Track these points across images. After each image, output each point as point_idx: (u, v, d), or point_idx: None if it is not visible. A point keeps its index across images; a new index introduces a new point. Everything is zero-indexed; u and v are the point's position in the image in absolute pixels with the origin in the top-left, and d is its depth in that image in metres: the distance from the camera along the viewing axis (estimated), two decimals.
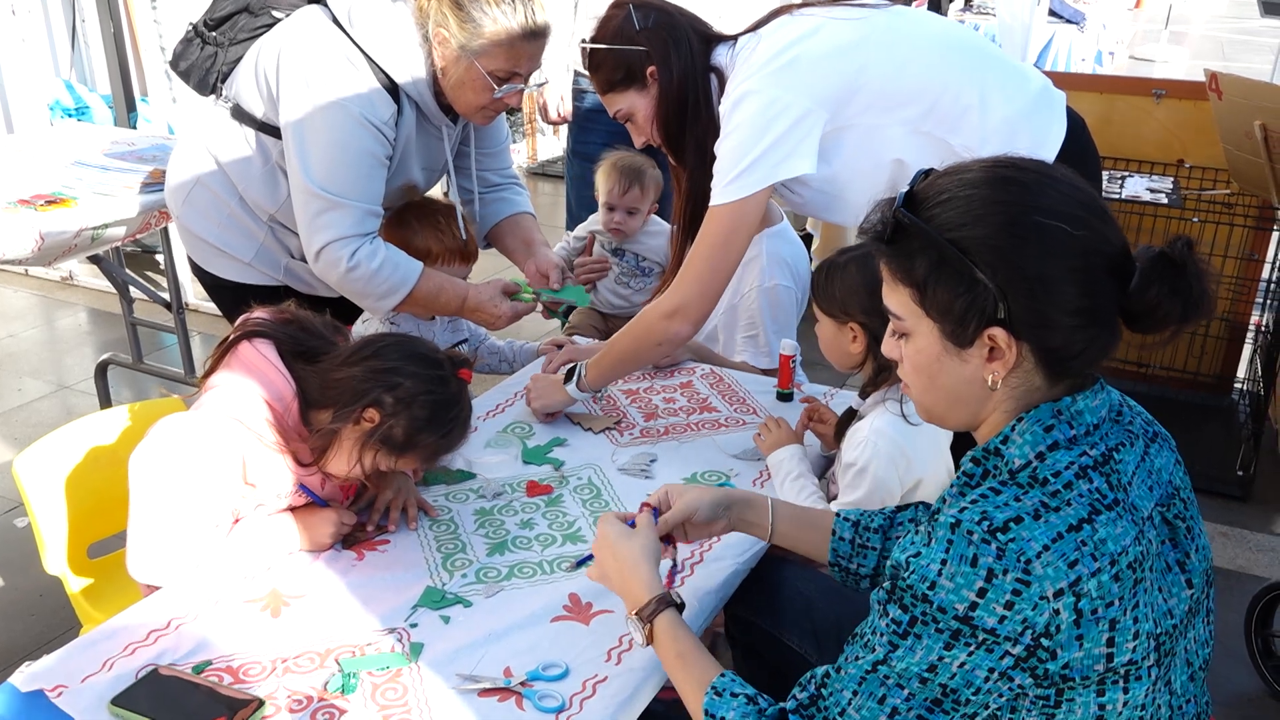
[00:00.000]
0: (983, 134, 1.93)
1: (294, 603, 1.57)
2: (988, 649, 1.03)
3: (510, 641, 1.50)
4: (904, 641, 1.07)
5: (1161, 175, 3.69)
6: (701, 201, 1.99)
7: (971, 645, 1.04)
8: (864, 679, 1.10)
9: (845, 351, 1.90)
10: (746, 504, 1.54)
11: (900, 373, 1.22)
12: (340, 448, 1.63)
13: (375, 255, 2.10)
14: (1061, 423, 1.11)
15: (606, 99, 2.07)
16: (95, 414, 2.02)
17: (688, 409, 2.27)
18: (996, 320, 1.08)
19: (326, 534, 1.68)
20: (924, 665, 1.06)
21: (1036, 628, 1.02)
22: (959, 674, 1.05)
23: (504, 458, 2.02)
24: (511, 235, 2.49)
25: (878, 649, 1.10)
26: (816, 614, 1.70)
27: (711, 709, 1.22)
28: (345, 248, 2.08)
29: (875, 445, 1.78)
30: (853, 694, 1.11)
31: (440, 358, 1.71)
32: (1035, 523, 1.04)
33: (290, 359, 1.67)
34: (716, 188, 1.92)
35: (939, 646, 1.05)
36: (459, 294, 2.24)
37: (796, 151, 1.90)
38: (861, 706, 1.10)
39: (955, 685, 1.06)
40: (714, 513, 1.51)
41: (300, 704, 1.37)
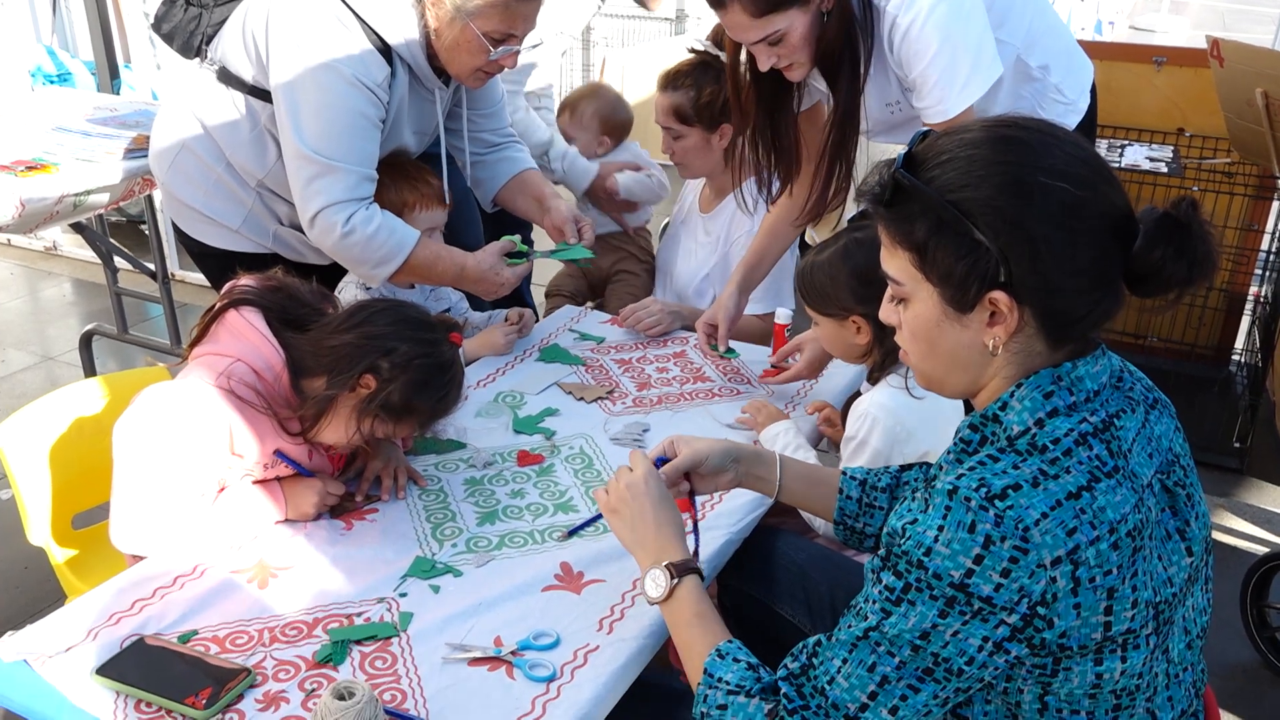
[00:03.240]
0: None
1: (281, 573, 1.57)
2: (982, 618, 1.03)
3: (501, 611, 1.49)
4: (897, 608, 1.07)
5: (1161, 144, 3.67)
6: (849, 118, 2.04)
7: (966, 614, 1.03)
8: (854, 646, 1.10)
9: (851, 345, 1.89)
10: (756, 458, 1.54)
11: (898, 339, 1.21)
12: (336, 416, 1.63)
13: (370, 221, 2.08)
14: (1061, 389, 1.10)
15: (760, 21, 1.99)
16: (79, 383, 2.00)
17: (681, 379, 2.26)
18: (998, 284, 1.07)
19: (310, 503, 1.68)
20: (916, 633, 1.05)
21: (1033, 596, 1.01)
22: (952, 643, 1.05)
23: (495, 427, 2.02)
24: (521, 195, 2.46)
25: (870, 616, 1.09)
26: (810, 584, 1.70)
27: (711, 668, 1.22)
28: (340, 213, 2.06)
29: (875, 418, 1.77)
30: (842, 662, 1.11)
31: (432, 321, 1.70)
32: (1034, 490, 1.03)
33: (279, 327, 1.66)
34: (947, 98, 1.95)
35: (933, 614, 1.04)
36: (456, 263, 2.21)
37: (992, 51, 2.00)
38: (851, 674, 1.10)
39: (948, 654, 1.05)
40: (722, 463, 1.50)
41: (288, 674, 1.36)
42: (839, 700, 1.10)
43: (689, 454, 1.49)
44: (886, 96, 2.11)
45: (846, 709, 1.10)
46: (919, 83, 1.98)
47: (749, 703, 1.17)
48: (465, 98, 2.34)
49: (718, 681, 1.20)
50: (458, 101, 2.34)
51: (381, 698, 1.31)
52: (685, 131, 2.60)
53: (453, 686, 1.35)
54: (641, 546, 1.40)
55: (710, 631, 1.29)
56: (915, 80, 1.98)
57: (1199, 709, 1.20)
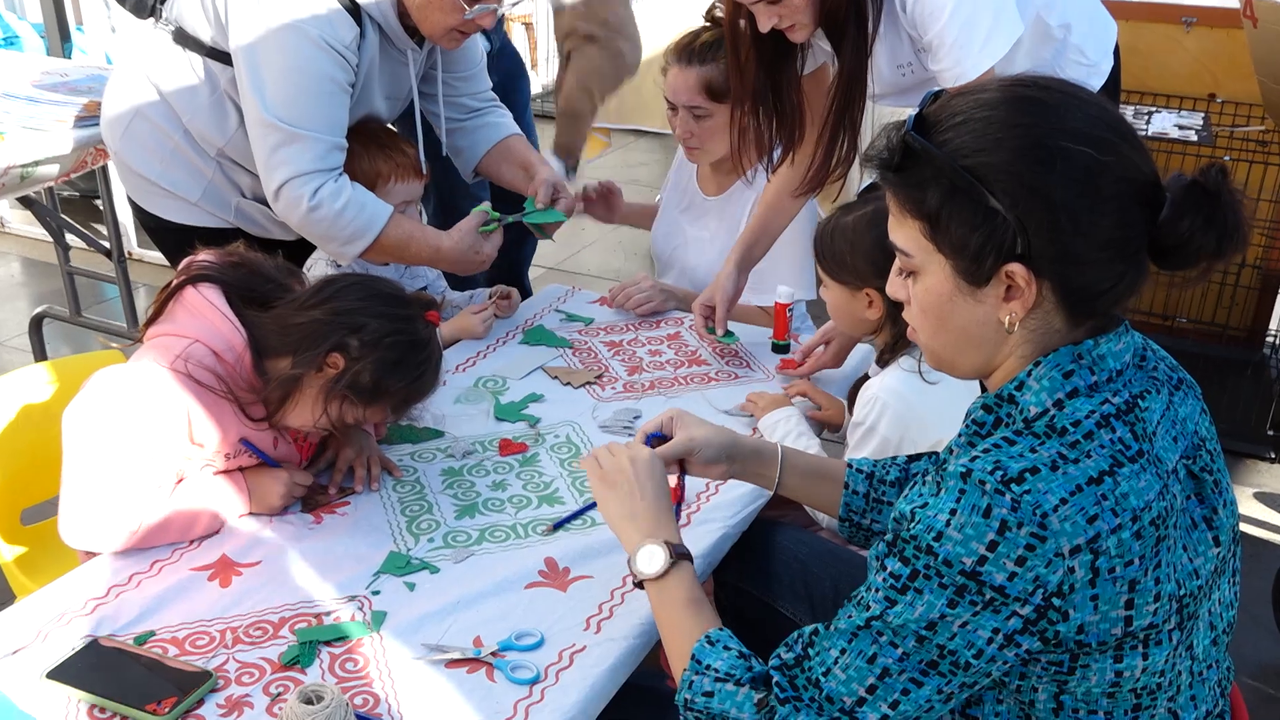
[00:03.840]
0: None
1: (245, 570, 1.57)
2: (994, 609, 1.03)
3: (480, 609, 1.49)
4: (902, 597, 1.07)
5: (1191, 110, 3.67)
6: (856, 81, 2.04)
7: (977, 604, 1.03)
8: (854, 636, 1.10)
9: (859, 318, 1.88)
10: (755, 454, 1.54)
11: (907, 315, 1.20)
12: (302, 398, 1.62)
13: (340, 194, 2.07)
14: (1082, 368, 1.10)
15: None
16: (27, 368, 1.99)
17: (675, 362, 2.26)
18: (1015, 255, 1.06)
19: (276, 495, 1.68)
20: (922, 622, 1.05)
21: (1048, 587, 1.01)
22: (960, 634, 1.05)
23: (475, 414, 2.01)
24: (507, 162, 2.44)
25: (872, 605, 1.09)
26: (812, 579, 1.71)
27: (699, 654, 1.22)
28: (307, 184, 2.05)
29: (884, 402, 1.77)
30: (840, 652, 1.11)
31: (407, 298, 1.70)
32: (1053, 474, 1.03)
33: (240, 305, 1.66)
34: (965, 59, 1.95)
35: (941, 603, 1.04)
36: (431, 244, 2.20)
37: (1013, 8, 1.99)
38: (849, 665, 1.10)
39: (955, 647, 1.05)
40: (718, 457, 1.50)
41: (252, 677, 1.36)
42: (835, 693, 1.10)
43: (684, 442, 1.48)
44: (898, 58, 2.11)
45: (842, 702, 1.10)
46: (935, 43, 1.97)
47: (737, 691, 1.17)
48: (441, 60, 2.33)
49: (705, 668, 1.21)
50: (433, 64, 2.33)
51: (352, 702, 1.31)
52: (714, 109, 2.48)
53: (429, 690, 1.35)
54: (634, 521, 1.38)
55: (703, 617, 1.29)
56: (931, 41, 1.98)
57: (1225, 709, 1.21)
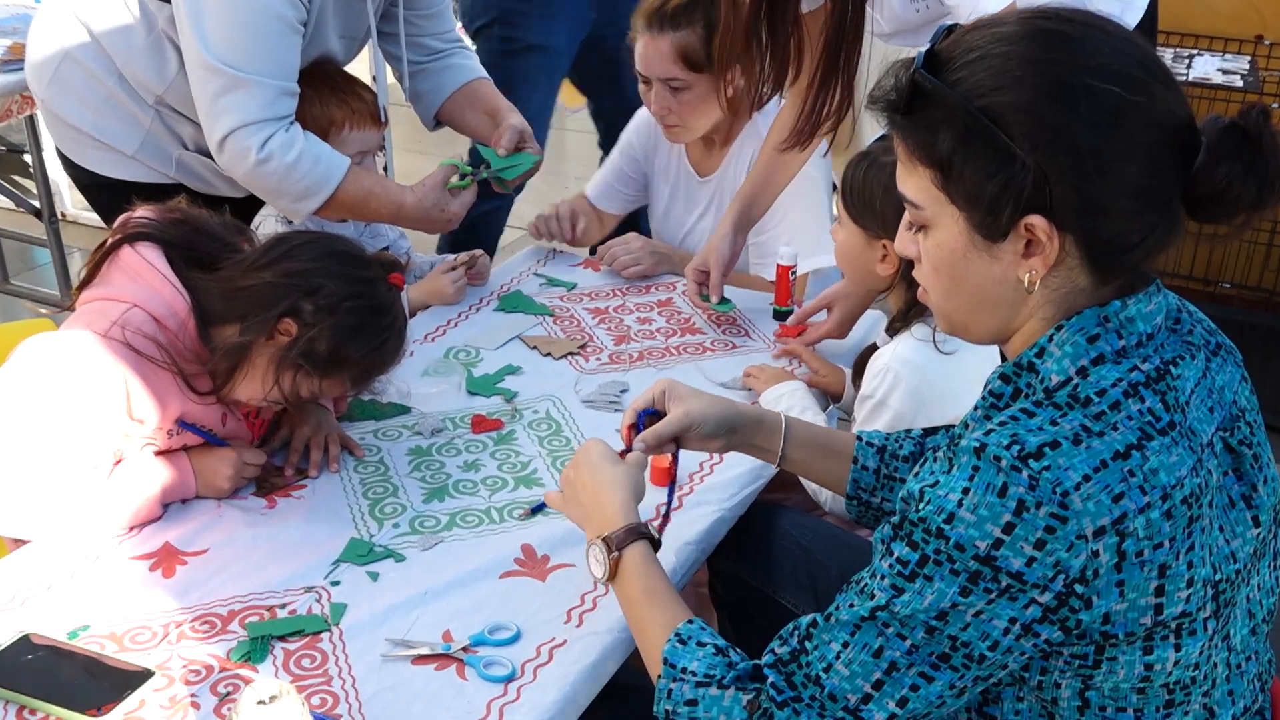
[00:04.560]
0: None
1: (191, 560, 1.57)
2: (1010, 597, 1.03)
3: (451, 601, 1.50)
4: (910, 584, 1.07)
5: (1236, 54, 3.66)
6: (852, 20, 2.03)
7: (992, 591, 1.03)
8: (858, 627, 1.10)
9: (869, 270, 1.87)
10: (756, 425, 1.54)
11: (917, 274, 1.20)
12: (251, 369, 1.62)
13: (291, 145, 2.06)
14: (1109, 331, 1.10)
15: None
16: None
17: (666, 331, 2.26)
18: (1035, 206, 1.06)
19: (224, 477, 1.68)
20: (933, 612, 1.06)
21: (1070, 572, 1.02)
22: (973, 624, 1.05)
23: (445, 388, 2.01)
24: (470, 109, 2.43)
25: (878, 594, 1.09)
26: (816, 568, 1.71)
27: (672, 657, 1.22)
28: (254, 135, 2.04)
29: (896, 374, 1.77)
30: (843, 645, 1.11)
31: (367, 258, 1.69)
32: (1075, 448, 1.03)
33: (182, 266, 1.65)
34: None
35: (953, 591, 1.05)
36: (394, 200, 2.18)
37: None
38: (853, 660, 1.10)
39: (968, 638, 1.06)
40: (717, 430, 1.51)
41: (198, 675, 1.36)
42: (837, 690, 1.11)
43: (680, 416, 1.49)
44: None
45: (845, 700, 1.11)
46: None
47: (723, 695, 1.17)
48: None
49: (682, 673, 1.21)
50: (393, 1, 2.31)
51: (309, 702, 1.31)
52: (692, 80, 2.41)
53: (393, 689, 1.36)
54: (589, 521, 1.41)
55: (663, 610, 1.29)
56: None
57: (1265, 705, 1.21)
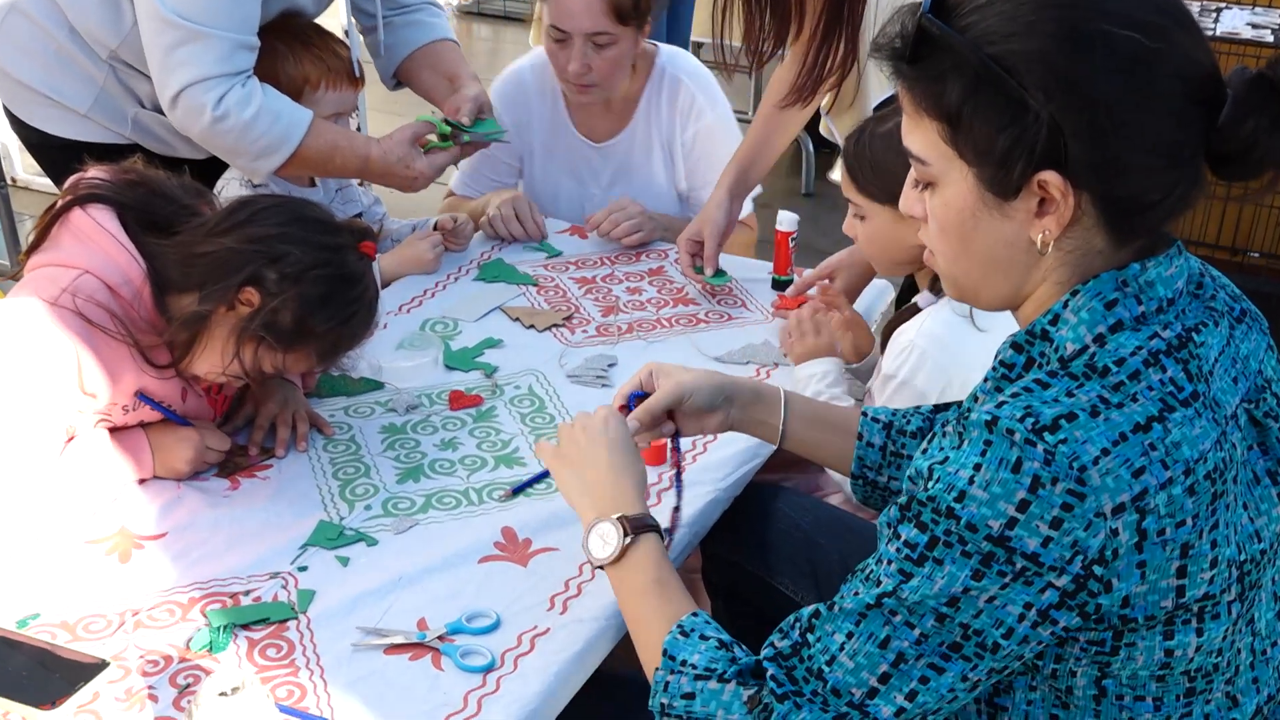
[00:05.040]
0: None
1: (149, 544, 1.57)
2: (1025, 580, 1.03)
3: (426, 587, 1.50)
4: (919, 569, 1.06)
5: (1267, 8, 3.65)
6: None
7: (1006, 575, 1.03)
8: (863, 616, 1.10)
9: (906, 246, 1.84)
10: (754, 396, 1.54)
11: (923, 235, 1.20)
12: (210, 340, 1.62)
13: (249, 101, 2.05)
14: (1128, 296, 1.09)
15: None
16: None
17: (658, 301, 2.26)
18: (1049, 161, 1.05)
19: (184, 458, 1.68)
20: (943, 598, 1.05)
21: (1088, 553, 1.02)
22: (986, 611, 1.05)
23: (421, 362, 2.01)
24: (430, 70, 2.43)
25: (884, 580, 1.09)
26: (817, 553, 1.71)
27: (673, 649, 1.23)
28: (210, 91, 2.03)
29: (922, 351, 1.76)
30: (847, 636, 1.11)
31: (337, 224, 1.69)
32: (1093, 420, 1.02)
33: (138, 230, 1.64)
34: None
35: (964, 575, 1.04)
36: (359, 153, 2.19)
37: None
38: (858, 652, 1.10)
39: (981, 626, 1.05)
40: (712, 401, 1.50)
41: (156, 666, 1.36)
42: (841, 684, 1.11)
43: (671, 387, 1.49)
44: None
45: (850, 694, 1.10)
46: None
47: (723, 689, 1.17)
48: None
49: (682, 665, 1.21)
50: None
51: (274, 694, 1.31)
52: (619, 34, 2.40)
53: (364, 679, 1.36)
54: (589, 495, 1.41)
55: (671, 603, 1.29)
56: None
57: None
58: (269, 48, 2.17)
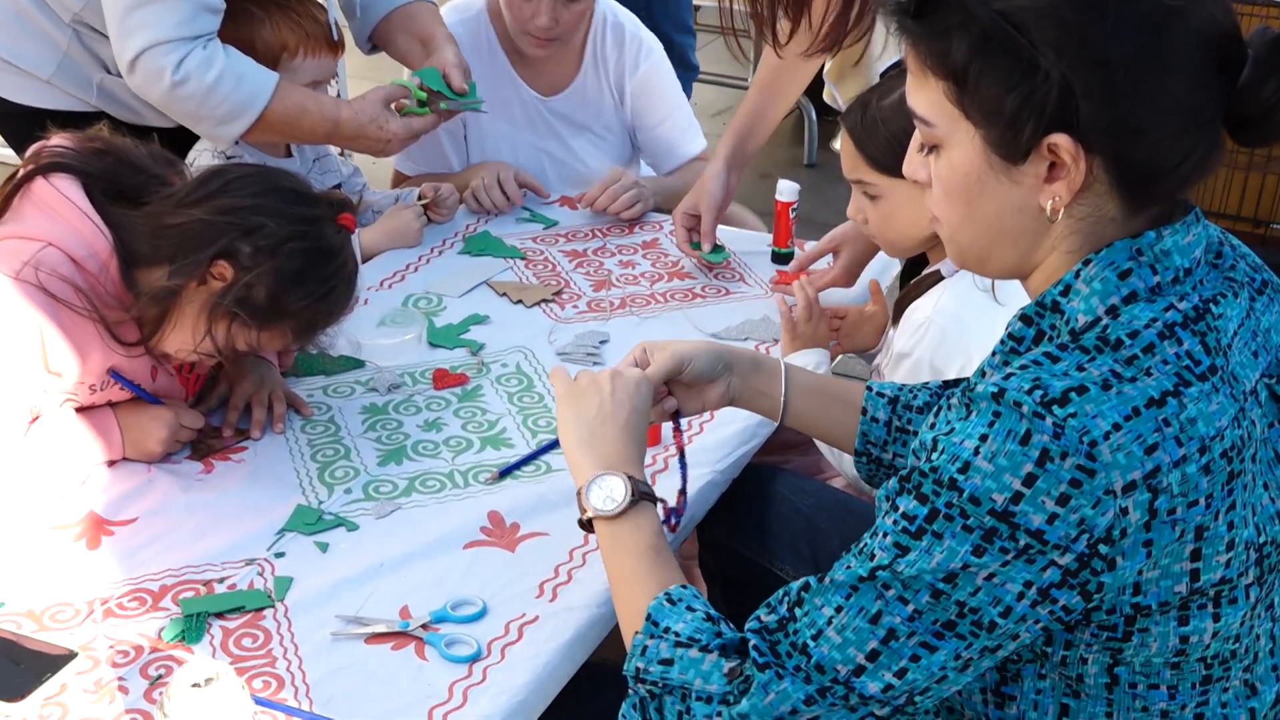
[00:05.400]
0: None
1: (118, 530, 1.57)
2: (1028, 558, 1.03)
3: (409, 574, 1.50)
4: (916, 542, 1.06)
5: None
6: None
7: (1008, 552, 1.03)
8: (855, 590, 1.10)
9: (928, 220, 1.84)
10: (753, 366, 1.54)
11: (928, 200, 1.20)
12: (181, 317, 1.61)
13: (211, 64, 2.05)
14: (1142, 266, 1.09)
15: None
16: None
17: (652, 275, 2.26)
18: (1060, 123, 1.05)
19: (156, 438, 1.67)
20: (940, 573, 1.05)
21: (1095, 531, 1.02)
22: (985, 589, 1.05)
23: (403, 339, 2.01)
24: (404, 32, 2.42)
25: (879, 554, 1.09)
26: (818, 537, 1.72)
27: (657, 614, 1.23)
28: (169, 54, 2.02)
29: (941, 329, 1.75)
30: (836, 610, 1.10)
31: (314, 195, 1.69)
32: (1104, 394, 1.02)
33: (104, 201, 1.64)
34: None
35: (964, 550, 1.04)
36: (328, 115, 2.18)
37: None
38: (846, 627, 1.10)
39: (978, 604, 1.05)
40: (711, 369, 1.50)
41: (126, 656, 1.37)
42: (826, 660, 1.10)
43: (668, 357, 1.49)
44: None
45: (835, 671, 1.10)
46: None
47: (703, 658, 1.17)
48: None
49: (664, 631, 1.21)
50: None
51: (250, 685, 1.31)
52: None
53: (345, 670, 1.36)
54: (593, 447, 1.39)
55: (664, 570, 1.30)
56: None
57: None
58: (243, 12, 2.16)
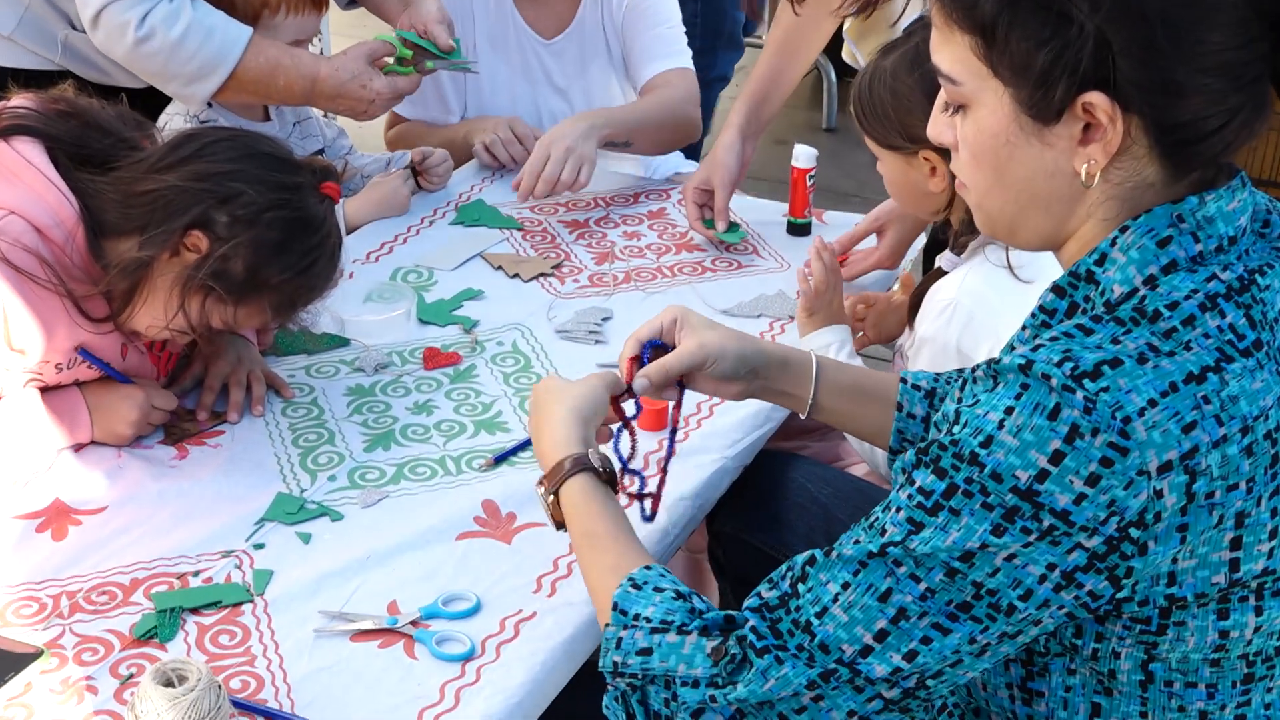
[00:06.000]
0: None
1: (86, 519, 1.57)
2: (1052, 540, 1.04)
3: (398, 567, 1.51)
4: (932, 518, 1.07)
5: None
6: None
7: (1031, 532, 1.04)
8: (863, 565, 1.10)
9: (923, 192, 1.87)
10: (782, 367, 1.54)
11: (954, 165, 1.20)
12: (152, 291, 1.62)
13: (177, 18, 2.05)
14: (1183, 233, 1.09)
15: None
16: None
17: (659, 247, 2.26)
18: (1096, 81, 1.05)
19: (127, 421, 1.68)
20: (956, 551, 1.06)
21: (1126, 514, 1.02)
22: (1004, 570, 1.05)
23: (391, 316, 2.01)
24: None
25: (891, 529, 1.10)
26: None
27: (624, 602, 1.23)
28: (133, 8, 2.03)
29: (967, 311, 1.75)
30: (842, 586, 1.11)
31: (295, 162, 1.69)
32: (1139, 368, 1.03)
33: (69, 166, 1.64)
34: None
35: (983, 528, 1.05)
36: (306, 73, 2.18)
37: None
38: (854, 604, 1.10)
39: (996, 585, 1.06)
40: (735, 371, 1.51)
41: (95, 655, 1.37)
42: (830, 639, 1.11)
43: (694, 350, 1.48)
44: None
45: (840, 651, 1.10)
46: None
47: (683, 641, 1.18)
48: None
49: (635, 620, 1.21)
50: None
51: (227, 685, 1.32)
52: None
53: (329, 669, 1.36)
54: (541, 453, 1.45)
55: (607, 553, 1.31)
56: None
57: None
58: None
